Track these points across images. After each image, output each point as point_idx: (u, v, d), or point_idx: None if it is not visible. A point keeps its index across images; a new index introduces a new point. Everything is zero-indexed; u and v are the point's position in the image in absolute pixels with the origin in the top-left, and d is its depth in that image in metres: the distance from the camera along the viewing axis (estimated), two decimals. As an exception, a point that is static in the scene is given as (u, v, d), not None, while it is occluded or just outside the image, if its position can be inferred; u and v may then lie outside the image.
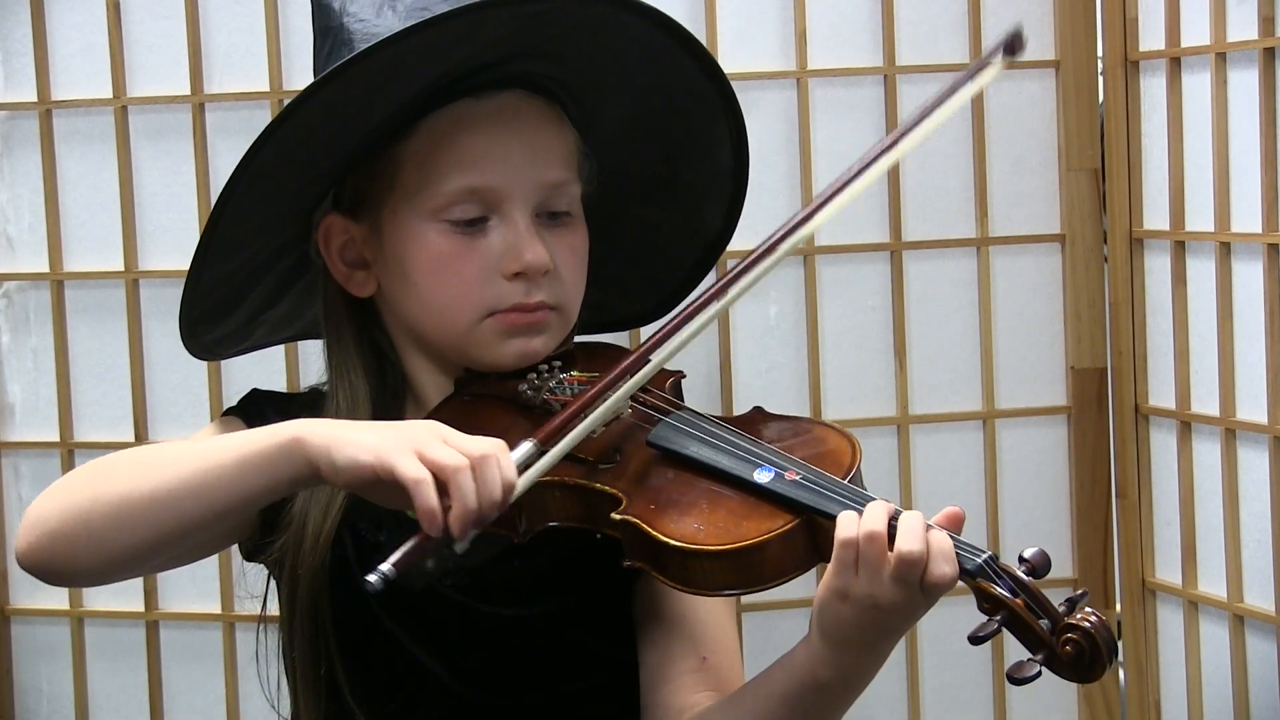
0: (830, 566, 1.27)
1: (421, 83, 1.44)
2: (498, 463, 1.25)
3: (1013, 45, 1.47)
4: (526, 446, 1.29)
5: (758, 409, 1.47)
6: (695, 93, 1.55)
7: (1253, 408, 1.84)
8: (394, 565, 1.22)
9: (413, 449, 1.24)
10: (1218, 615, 1.90)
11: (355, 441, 1.26)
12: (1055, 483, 2.03)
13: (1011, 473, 2.03)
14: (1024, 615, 1.22)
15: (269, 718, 1.67)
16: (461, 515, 1.23)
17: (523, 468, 1.28)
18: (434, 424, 1.29)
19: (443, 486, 1.23)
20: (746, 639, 1.97)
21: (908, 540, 1.23)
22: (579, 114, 1.54)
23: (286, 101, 1.93)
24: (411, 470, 1.23)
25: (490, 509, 1.24)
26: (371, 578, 1.22)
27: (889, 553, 1.24)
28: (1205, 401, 1.91)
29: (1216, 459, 1.89)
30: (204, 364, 1.96)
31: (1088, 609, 1.22)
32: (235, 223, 1.45)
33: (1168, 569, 1.98)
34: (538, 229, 1.49)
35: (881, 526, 1.24)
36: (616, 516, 1.33)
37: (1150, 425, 1.99)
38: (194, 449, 1.35)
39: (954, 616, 1.33)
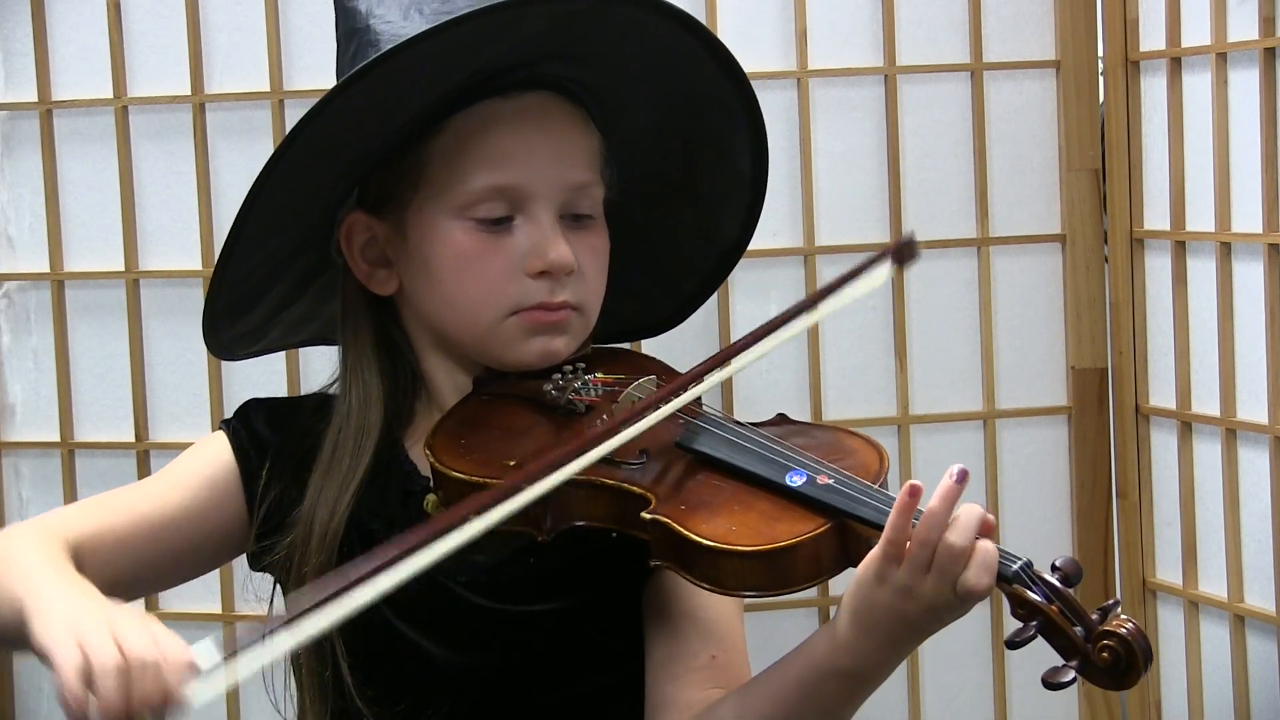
0: (878, 551, 1.27)
1: (449, 82, 1.45)
2: (158, 671, 1.20)
3: (901, 253, 1.45)
4: (212, 658, 1.21)
5: (782, 415, 1.48)
6: (718, 98, 1.55)
7: (1253, 408, 1.84)
8: None
9: (76, 637, 1.22)
10: (1218, 615, 1.90)
11: (53, 608, 1.27)
12: (1055, 483, 2.04)
13: (1011, 473, 2.03)
14: (1059, 622, 1.22)
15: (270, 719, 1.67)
16: (105, 711, 1.19)
17: (208, 676, 1.22)
18: (130, 615, 1.26)
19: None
20: (747, 638, 1.96)
21: (959, 535, 1.25)
22: (602, 117, 1.54)
23: (287, 102, 1.95)
24: (66, 651, 1.21)
25: (141, 709, 1.20)
26: None
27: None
28: (1205, 401, 1.91)
29: (1217, 459, 1.89)
30: (204, 364, 1.96)
31: (1122, 615, 1.23)
32: (263, 216, 1.46)
33: (1168, 569, 1.98)
34: (561, 230, 1.49)
35: (966, 541, 1.25)
36: (646, 516, 1.33)
37: (1150, 425, 2.00)
38: (20, 566, 1.36)
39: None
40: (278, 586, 1.57)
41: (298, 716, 1.57)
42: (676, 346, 1.93)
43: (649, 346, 1.92)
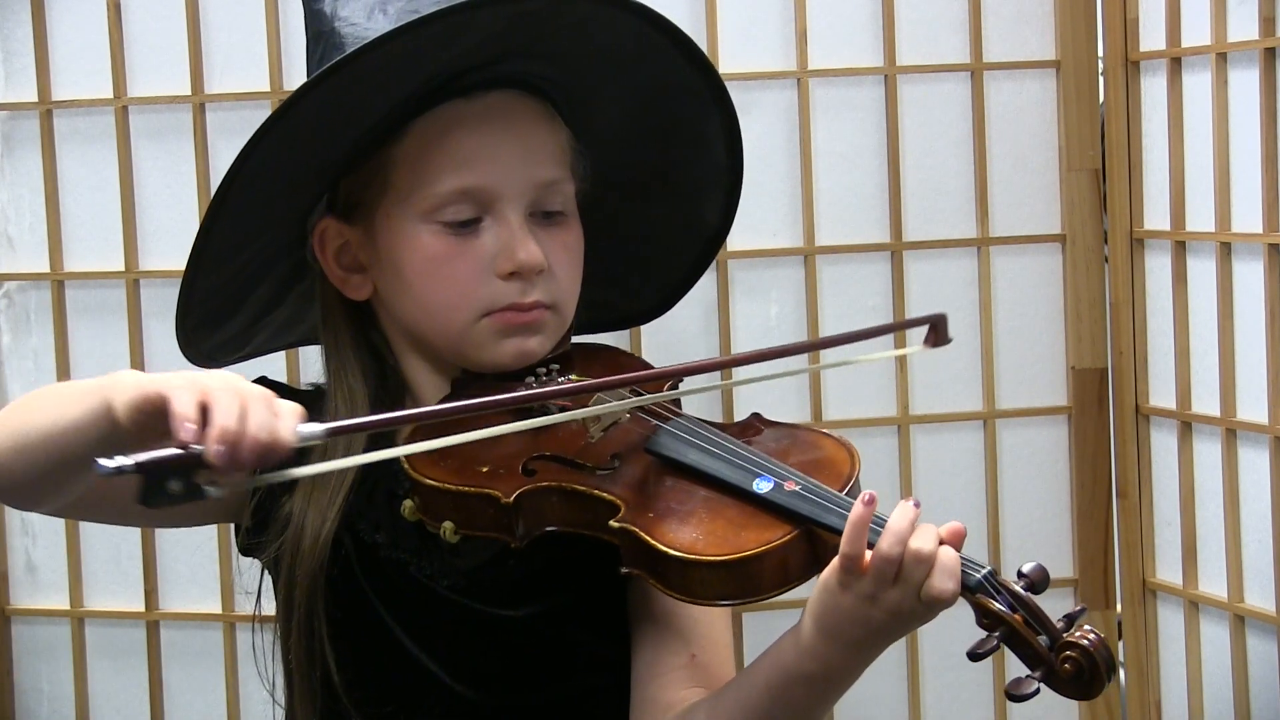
0: (838, 564, 1.27)
1: (412, 84, 1.44)
2: (273, 408, 1.20)
3: (935, 336, 1.47)
4: (316, 427, 1.22)
5: (756, 415, 1.47)
6: (687, 88, 1.55)
7: (1253, 408, 1.84)
8: (136, 460, 1.14)
9: (191, 378, 1.20)
10: (1218, 615, 1.90)
11: (150, 376, 1.23)
12: (1055, 483, 2.03)
13: (1012, 473, 2.03)
14: (1023, 631, 1.22)
15: (269, 718, 1.67)
16: (219, 435, 1.16)
17: (305, 443, 1.21)
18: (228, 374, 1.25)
19: (209, 414, 1.17)
20: (747, 639, 1.97)
21: (922, 540, 1.24)
22: (572, 112, 1.54)
23: (286, 102, 1.93)
24: (178, 381, 1.19)
25: (254, 447, 1.17)
26: (105, 461, 1.14)
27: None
28: (1205, 401, 1.91)
29: (1217, 459, 1.89)
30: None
31: (1086, 626, 1.22)
32: (229, 229, 1.46)
33: (1168, 569, 1.98)
34: (532, 228, 1.49)
35: (931, 546, 1.24)
36: (615, 524, 1.33)
37: (1150, 425, 2.00)
38: (68, 391, 1.31)
39: (955, 618, 1.33)
40: (265, 575, 1.57)
41: (287, 715, 1.57)
42: (677, 346, 1.94)
43: (650, 346, 1.92)
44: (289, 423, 1.20)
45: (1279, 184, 1.78)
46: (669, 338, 1.92)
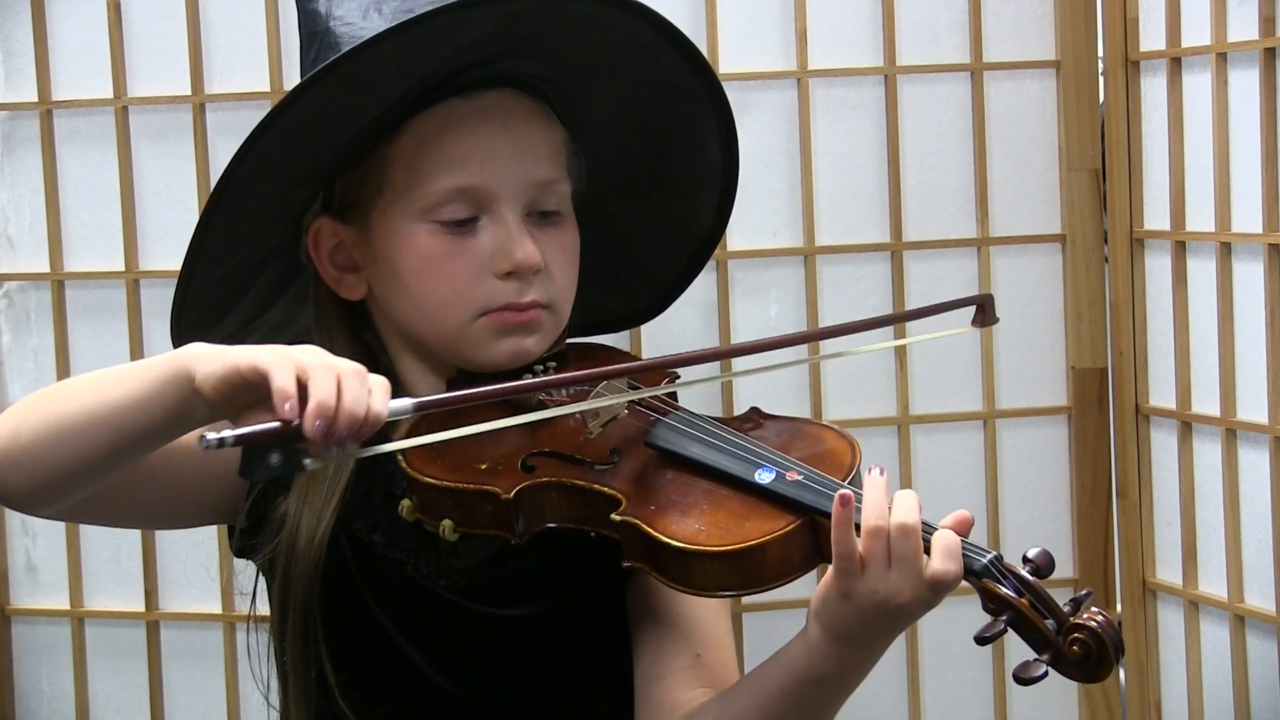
0: (835, 570, 1.27)
1: (408, 83, 1.44)
2: (366, 383, 1.21)
3: (983, 317, 1.51)
4: (405, 401, 1.24)
5: (755, 409, 1.47)
6: (682, 88, 1.55)
7: (1253, 408, 1.84)
8: (236, 435, 1.16)
9: (284, 352, 1.21)
10: (1218, 615, 1.90)
11: (232, 349, 1.23)
12: (1055, 483, 2.03)
13: (1012, 473, 2.03)
14: (1030, 615, 1.22)
15: (269, 717, 1.67)
16: (317, 410, 1.17)
17: (395, 417, 1.23)
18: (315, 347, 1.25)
19: (305, 388, 1.18)
20: (747, 639, 1.97)
21: (903, 513, 1.24)
22: (567, 112, 1.54)
23: (285, 102, 1.93)
24: (273, 356, 1.20)
25: (349, 422, 1.18)
26: (209, 435, 1.15)
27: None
28: (1205, 401, 1.91)
29: (1217, 459, 1.89)
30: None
31: (1094, 609, 1.22)
32: (224, 228, 1.46)
33: (1168, 569, 1.98)
34: (528, 228, 1.48)
35: (913, 517, 1.24)
36: (616, 517, 1.32)
37: (1151, 425, 2.00)
38: (115, 372, 1.31)
39: (954, 617, 1.33)
40: (261, 579, 1.57)
41: (281, 716, 1.56)
42: (677, 346, 1.94)
43: (650, 347, 1.92)
44: (381, 397, 1.21)
45: (1279, 184, 1.78)
46: (669, 338, 1.92)
